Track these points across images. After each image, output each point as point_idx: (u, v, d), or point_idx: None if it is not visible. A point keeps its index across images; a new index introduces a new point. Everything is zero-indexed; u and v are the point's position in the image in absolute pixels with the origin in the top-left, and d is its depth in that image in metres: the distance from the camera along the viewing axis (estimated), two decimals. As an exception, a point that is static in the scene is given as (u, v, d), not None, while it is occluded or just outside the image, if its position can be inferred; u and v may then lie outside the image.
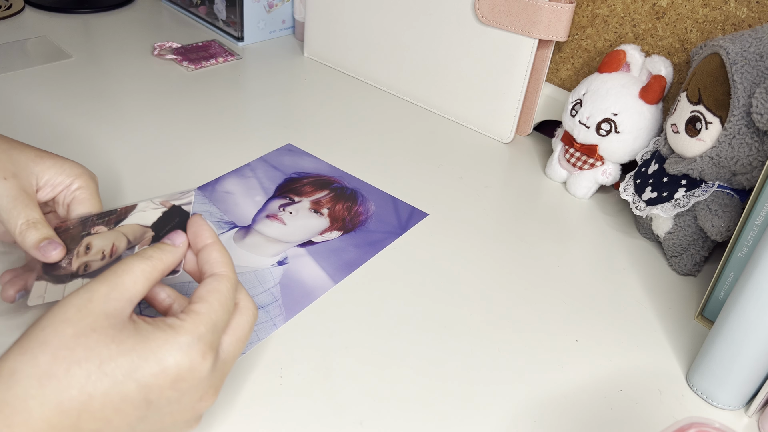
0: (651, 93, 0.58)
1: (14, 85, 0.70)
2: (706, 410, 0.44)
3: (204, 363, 0.32)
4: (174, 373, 0.31)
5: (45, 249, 0.39)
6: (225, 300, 0.34)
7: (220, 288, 0.35)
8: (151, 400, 0.31)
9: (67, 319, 0.31)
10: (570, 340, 0.48)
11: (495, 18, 0.66)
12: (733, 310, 0.41)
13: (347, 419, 0.40)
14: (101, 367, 0.30)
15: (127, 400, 0.30)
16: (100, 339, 0.30)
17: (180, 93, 0.73)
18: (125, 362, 0.30)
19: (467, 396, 0.43)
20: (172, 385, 0.31)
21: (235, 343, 0.35)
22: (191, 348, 0.32)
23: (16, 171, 0.41)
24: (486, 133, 0.73)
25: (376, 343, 0.46)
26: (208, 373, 0.32)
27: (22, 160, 0.41)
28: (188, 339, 0.32)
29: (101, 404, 0.30)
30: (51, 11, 0.88)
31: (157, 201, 0.42)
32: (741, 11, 0.57)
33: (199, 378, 0.32)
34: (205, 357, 0.32)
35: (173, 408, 0.32)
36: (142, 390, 0.30)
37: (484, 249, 0.56)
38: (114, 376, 0.30)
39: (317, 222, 0.56)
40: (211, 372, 0.33)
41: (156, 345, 0.31)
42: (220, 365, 0.34)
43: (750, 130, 0.48)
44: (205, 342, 0.32)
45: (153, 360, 0.31)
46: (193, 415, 0.34)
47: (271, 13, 0.87)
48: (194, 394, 0.32)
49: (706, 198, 0.52)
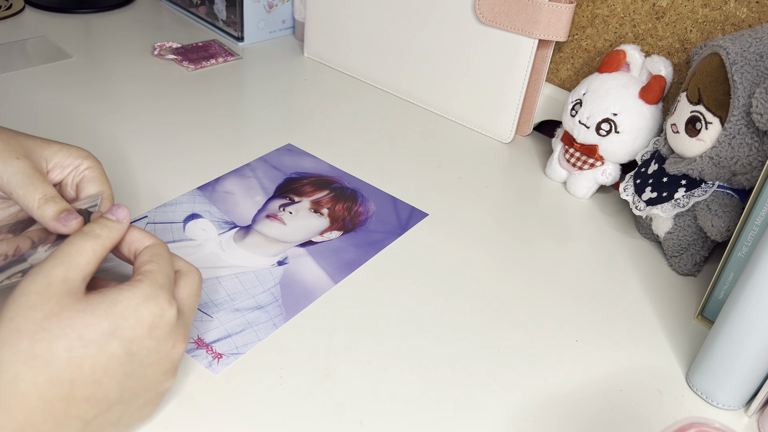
0: (651, 93, 0.58)
1: (14, 85, 0.70)
2: (706, 410, 0.44)
3: (171, 309, 0.35)
4: (149, 321, 0.34)
5: (65, 219, 0.41)
6: (168, 258, 0.38)
7: (159, 251, 0.38)
8: (133, 353, 0.33)
9: (32, 306, 0.32)
10: (570, 340, 0.48)
11: (495, 18, 0.66)
12: (733, 310, 0.41)
13: (347, 419, 0.40)
14: (82, 336, 0.32)
15: (113, 358, 0.33)
16: (71, 314, 0.32)
17: (180, 93, 0.73)
18: (106, 325, 0.33)
19: (467, 396, 0.43)
20: (149, 333, 0.34)
21: (189, 297, 0.38)
22: (158, 297, 0.35)
23: (27, 153, 0.42)
24: (486, 133, 0.73)
25: (376, 343, 0.46)
26: (175, 320, 0.36)
27: (30, 144, 0.43)
28: (153, 290, 0.35)
29: (90, 368, 0.32)
30: (51, 11, 0.88)
31: None
32: (741, 11, 0.57)
33: (170, 324, 0.35)
34: (171, 303, 0.35)
35: (153, 358, 0.35)
36: (125, 344, 0.33)
37: (484, 249, 0.56)
38: (97, 341, 0.32)
39: (317, 222, 0.56)
40: (178, 319, 0.36)
41: (128, 302, 0.34)
42: (182, 316, 0.37)
43: (750, 130, 0.48)
44: (167, 291, 0.36)
45: (129, 315, 0.33)
46: (170, 366, 0.36)
47: (271, 13, 0.87)
48: (168, 341, 0.35)
49: (706, 198, 0.52)
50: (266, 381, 0.42)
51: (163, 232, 0.53)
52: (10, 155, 0.41)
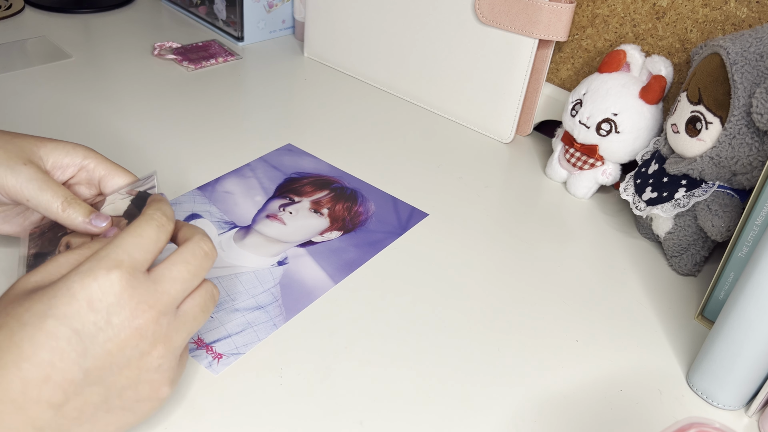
0: (651, 93, 0.58)
1: (14, 85, 0.70)
2: (706, 410, 0.44)
3: (109, 277, 0.32)
4: (85, 295, 0.32)
5: (96, 221, 0.41)
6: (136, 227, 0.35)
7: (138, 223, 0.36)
8: (76, 329, 0.32)
9: None
10: (570, 340, 0.48)
11: (495, 18, 0.66)
12: (733, 310, 0.41)
13: (347, 419, 0.40)
14: (20, 320, 0.31)
15: (53, 336, 0.31)
16: (15, 302, 0.32)
17: (180, 93, 0.73)
18: (39, 307, 0.32)
19: (467, 396, 0.43)
20: (89, 306, 0.32)
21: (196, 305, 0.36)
22: (93, 269, 0.33)
23: (29, 156, 0.41)
24: (486, 133, 0.73)
25: (376, 343, 0.46)
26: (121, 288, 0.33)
27: (26, 146, 0.42)
28: (88, 264, 0.33)
29: (32, 348, 0.31)
30: (51, 11, 0.88)
31: (123, 192, 0.43)
32: (741, 11, 0.57)
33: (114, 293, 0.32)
34: (110, 272, 0.33)
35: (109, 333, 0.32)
36: (62, 321, 0.31)
37: (484, 249, 0.56)
38: (32, 322, 0.31)
39: (317, 222, 0.56)
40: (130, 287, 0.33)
41: (61, 282, 0.32)
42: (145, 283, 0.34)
43: (750, 130, 0.48)
44: (106, 262, 0.33)
45: (61, 293, 0.32)
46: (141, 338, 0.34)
47: (271, 13, 0.87)
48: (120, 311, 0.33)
49: (707, 198, 0.52)
50: (266, 381, 0.42)
51: (163, 232, 0.53)
52: (16, 162, 0.40)
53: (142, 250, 0.35)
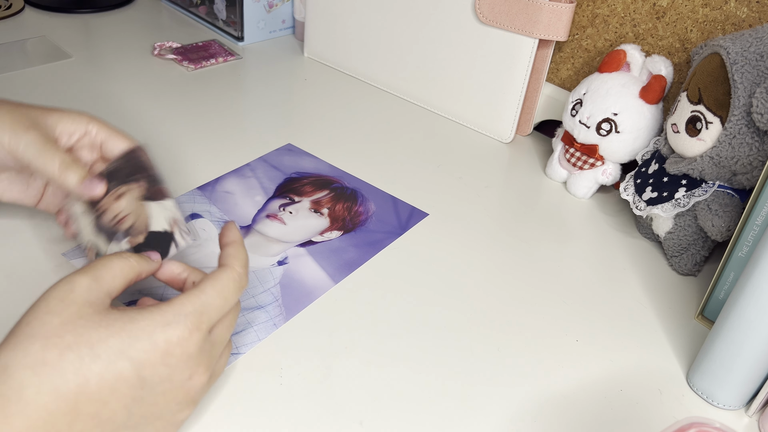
0: (651, 93, 0.58)
1: (14, 85, 0.70)
2: (706, 410, 0.44)
3: (191, 338, 0.33)
4: (163, 347, 0.32)
5: (89, 185, 0.42)
6: (222, 288, 0.36)
7: (220, 277, 0.36)
8: (144, 378, 0.32)
9: (50, 310, 0.32)
10: (570, 340, 0.48)
11: (495, 18, 0.66)
12: (733, 310, 0.41)
13: (347, 419, 0.40)
14: (93, 349, 0.31)
15: (122, 378, 0.31)
16: (87, 324, 0.32)
17: (180, 93, 0.73)
18: (116, 342, 0.31)
19: (467, 396, 0.43)
20: (163, 360, 0.33)
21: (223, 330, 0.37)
22: (178, 324, 0.33)
23: (34, 123, 0.43)
24: (486, 133, 0.73)
25: (376, 343, 0.46)
26: (195, 350, 0.34)
27: (32, 114, 0.43)
28: (173, 316, 0.33)
29: (97, 385, 0.31)
30: (51, 11, 0.88)
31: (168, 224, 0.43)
32: (741, 11, 0.57)
33: (188, 354, 0.33)
34: (192, 333, 0.33)
35: (165, 387, 0.33)
36: (136, 367, 0.32)
37: (484, 249, 0.56)
38: (107, 356, 0.31)
39: (317, 222, 0.56)
40: (200, 350, 0.34)
41: (144, 323, 0.33)
42: (208, 346, 0.35)
43: (750, 129, 0.48)
44: (191, 320, 0.34)
45: (143, 337, 0.32)
46: (186, 397, 0.35)
47: (271, 13, 0.87)
48: (184, 370, 0.34)
49: (707, 198, 0.52)
50: (266, 381, 0.42)
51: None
52: (19, 127, 0.42)
53: (219, 312, 0.36)
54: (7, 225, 0.51)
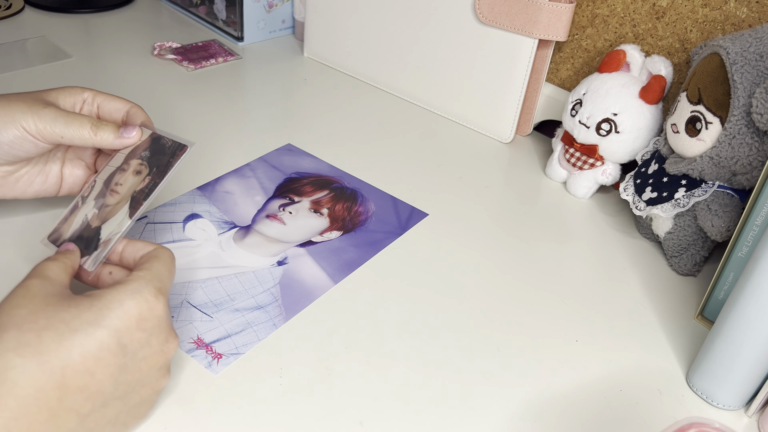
0: (651, 93, 0.58)
1: (14, 85, 0.70)
2: (706, 410, 0.44)
3: (158, 302, 0.35)
4: (136, 312, 0.34)
5: (126, 131, 0.45)
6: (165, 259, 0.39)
7: (158, 255, 0.39)
8: (124, 344, 0.33)
9: (16, 305, 0.33)
10: (570, 340, 0.48)
11: (495, 18, 0.66)
12: (733, 310, 0.41)
13: (347, 419, 0.40)
14: (69, 325, 0.32)
15: (103, 347, 0.32)
16: (56, 307, 0.33)
17: (180, 93, 0.73)
18: (90, 315, 0.33)
19: (467, 396, 0.43)
20: (138, 325, 0.34)
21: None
22: (142, 290, 0.35)
23: (45, 101, 0.45)
24: (486, 133, 0.73)
25: (376, 343, 0.46)
26: (164, 314, 0.36)
27: (38, 96, 0.45)
28: (136, 284, 0.35)
29: (81, 356, 0.32)
30: (51, 11, 0.88)
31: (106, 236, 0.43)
32: (741, 11, 0.57)
33: (158, 316, 0.35)
34: (158, 297, 0.35)
35: (145, 352, 0.35)
36: (113, 334, 0.33)
37: (484, 249, 0.56)
38: (83, 329, 0.32)
39: (317, 222, 0.56)
40: (166, 314, 0.36)
41: (112, 296, 0.34)
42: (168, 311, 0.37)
43: (750, 130, 0.48)
44: (154, 285, 0.36)
45: (114, 306, 0.34)
46: (165, 361, 0.36)
47: (271, 13, 0.87)
48: (159, 334, 0.36)
49: (706, 198, 0.52)
50: (266, 381, 0.42)
51: (162, 232, 0.53)
52: (37, 106, 0.44)
53: (169, 281, 0.38)
54: (6, 225, 0.51)
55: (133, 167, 0.45)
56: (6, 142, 0.43)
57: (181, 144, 0.45)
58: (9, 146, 0.44)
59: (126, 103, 0.48)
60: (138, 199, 0.43)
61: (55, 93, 0.47)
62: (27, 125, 0.43)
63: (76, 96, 0.47)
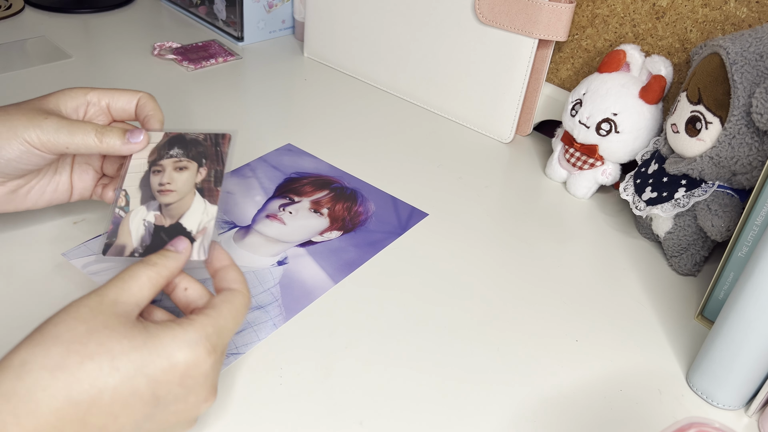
0: (651, 93, 0.58)
1: (14, 85, 0.70)
2: (706, 410, 0.44)
3: (207, 360, 0.33)
4: (182, 369, 0.32)
5: (132, 137, 0.44)
6: (236, 311, 0.36)
7: (234, 300, 0.36)
8: (159, 396, 0.32)
9: (79, 317, 0.32)
10: (570, 340, 0.48)
11: (495, 18, 0.66)
12: (733, 310, 0.41)
13: (347, 419, 0.40)
14: (113, 361, 0.31)
15: (137, 395, 0.31)
16: (112, 335, 0.31)
17: (180, 93, 0.73)
18: (136, 357, 0.31)
19: (467, 396, 0.43)
20: (180, 381, 0.32)
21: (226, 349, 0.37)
22: (198, 344, 0.33)
23: (45, 111, 0.44)
24: (486, 133, 0.73)
25: (376, 343, 0.46)
26: (211, 372, 0.34)
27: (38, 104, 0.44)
28: (195, 336, 0.33)
29: (111, 399, 0.30)
30: (51, 11, 0.88)
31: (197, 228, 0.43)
32: (741, 11, 0.57)
33: (204, 375, 0.33)
34: (209, 355, 0.33)
35: (179, 407, 0.33)
36: (152, 385, 0.31)
37: (484, 249, 0.56)
38: (125, 371, 0.31)
39: (317, 222, 0.56)
40: (213, 371, 0.34)
41: (166, 341, 0.32)
42: (218, 367, 0.35)
43: (750, 130, 0.48)
44: (211, 342, 0.34)
45: (163, 355, 0.32)
46: (194, 416, 0.35)
47: (271, 13, 0.87)
48: (200, 392, 0.34)
49: (706, 198, 0.52)
50: (266, 381, 0.42)
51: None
52: (37, 118, 0.42)
53: (232, 335, 0.36)
54: (6, 225, 0.51)
55: (170, 166, 0.44)
56: (12, 158, 0.42)
57: (218, 134, 0.45)
58: (16, 161, 0.43)
59: (134, 94, 0.47)
60: (209, 188, 0.43)
61: (55, 99, 0.45)
62: (30, 138, 0.42)
63: (78, 99, 0.46)
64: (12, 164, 0.43)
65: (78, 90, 0.46)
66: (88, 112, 0.47)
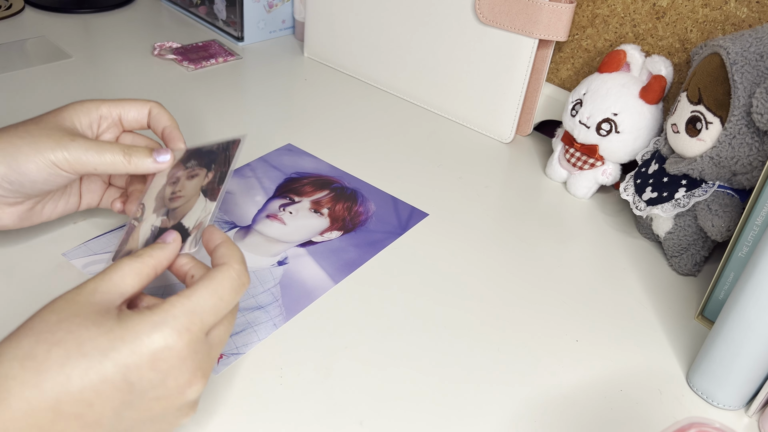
0: (651, 93, 0.58)
1: (14, 85, 0.70)
2: (706, 410, 0.44)
3: (179, 341, 0.32)
4: (149, 351, 0.31)
5: (159, 156, 0.45)
6: (216, 287, 0.35)
7: (214, 276, 0.35)
8: (132, 382, 0.31)
9: (54, 308, 0.32)
10: (570, 340, 0.48)
11: (495, 18, 0.66)
12: (733, 310, 0.41)
13: (347, 419, 0.40)
14: (80, 347, 0.30)
15: (107, 381, 0.31)
16: (81, 323, 0.31)
17: (180, 93, 0.73)
18: (103, 341, 0.31)
19: (467, 396, 0.43)
20: (151, 365, 0.31)
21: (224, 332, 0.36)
22: (165, 327, 0.32)
23: (69, 130, 0.44)
24: (486, 133, 0.73)
25: (376, 343, 0.46)
26: (189, 354, 0.32)
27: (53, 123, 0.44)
28: (161, 319, 0.32)
29: (79, 385, 0.30)
30: (51, 11, 0.88)
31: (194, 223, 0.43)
32: (741, 11, 0.57)
33: (180, 358, 0.32)
34: (181, 335, 0.32)
35: (159, 392, 0.32)
36: (120, 370, 0.31)
37: (484, 249, 0.56)
38: (91, 356, 0.30)
39: (317, 222, 0.56)
40: (194, 353, 0.33)
41: (133, 325, 0.32)
42: (205, 348, 0.34)
43: (750, 130, 0.48)
44: (181, 323, 0.32)
45: (128, 340, 0.31)
46: (184, 402, 0.34)
47: (271, 13, 0.87)
48: (179, 376, 0.32)
49: (707, 198, 0.52)
50: (266, 381, 0.42)
51: (163, 232, 0.53)
52: (64, 140, 0.42)
53: (215, 314, 0.34)
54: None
55: (184, 176, 0.45)
56: (39, 179, 0.42)
57: (230, 141, 0.45)
58: (42, 183, 0.43)
59: (144, 104, 0.47)
60: (211, 189, 0.43)
61: (69, 115, 0.45)
62: (58, 161, 0.42)
63: (91, 114, 0.46)
64: (37, 186, 0.43)
65: (89, 104, 0.46)
66: (101, 126, 0.47)
